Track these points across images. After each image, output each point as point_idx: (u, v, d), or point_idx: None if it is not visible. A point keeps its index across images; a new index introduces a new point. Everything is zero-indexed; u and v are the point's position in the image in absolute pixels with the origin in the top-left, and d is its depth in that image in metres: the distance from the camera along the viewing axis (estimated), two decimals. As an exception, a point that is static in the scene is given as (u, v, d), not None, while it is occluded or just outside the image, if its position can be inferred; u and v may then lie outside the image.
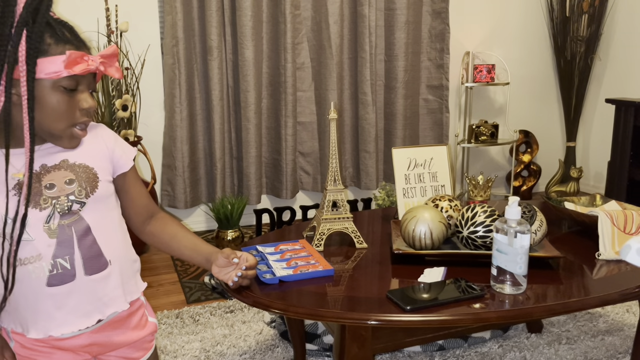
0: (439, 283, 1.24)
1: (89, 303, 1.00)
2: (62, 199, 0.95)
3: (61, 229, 0.95)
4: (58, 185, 0.95)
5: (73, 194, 0.97)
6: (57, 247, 0.95)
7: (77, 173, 0.98)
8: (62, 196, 0.95)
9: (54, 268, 0.95)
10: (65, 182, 0.96)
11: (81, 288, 0.98)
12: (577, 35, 3.64)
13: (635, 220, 1.50)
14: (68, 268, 0.96)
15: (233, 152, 3.18)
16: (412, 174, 1.67)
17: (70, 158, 0.99)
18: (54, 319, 0.97)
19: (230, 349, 1.93)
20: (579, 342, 1.95)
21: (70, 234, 0.96)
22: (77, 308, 0.99)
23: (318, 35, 3.18)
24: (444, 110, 3.51)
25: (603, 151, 3.73)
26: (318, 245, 1.47)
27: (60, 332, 0.98)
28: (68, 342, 1.02)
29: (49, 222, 0.94)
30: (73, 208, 0.96)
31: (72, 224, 0.97)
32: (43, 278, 0.95)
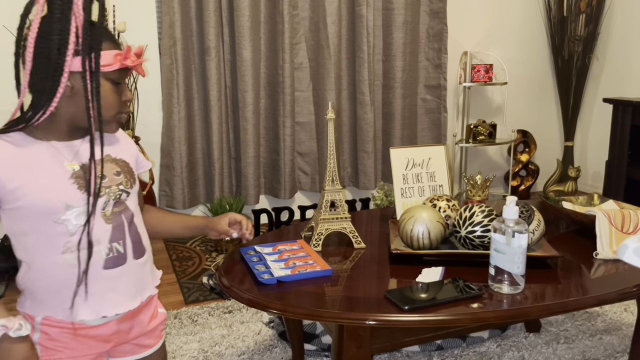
0: (437, 283, 1.24)
1: (134, 286, 1.08)
2: (114, 188, 1.04)
3: (114, 216, 1.03)
4: (109, 176, 1.04)
5: (122, 184, 1.06)
6: (112, 232, 1.03)
7: (120, 166, 1.08)
8: (114, 185, 1.04)
9: (110, 252, 1.02)
10: (114, 173, 1.05)
11: (130, 271, 1.06)
12: (574, 35, 3.64)
13: (632, 220, 1.50)
14: (121, 252, 1.04)
15: (231, 152, 3.18)
16: (410, 173, 1.68)
17: (112, 153, 1.08)
18: (108, 300, 1.04)
19: (228, 349, 1.93)
20: (577, 341, 1.96)
21: (122, 221, 1.04)
22: (126, 290, 1.06)
23: (316, 36, 3.18)
24: (442, 110, 3.51)
25: (601, 151, 3.73)
26: (316, 245, 1.47)
27: (113, 312, 1.05)
28: (96, 331, 1.06)
29: (105, 209, 1.02)
30: (122, 197, 1.05)
31: (121, 211, 1.05)
32: (100, 261, 1.01)
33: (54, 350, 1.03)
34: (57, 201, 0.95)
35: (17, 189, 0.93)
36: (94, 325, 1.05)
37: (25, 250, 1.00)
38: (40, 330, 1.03)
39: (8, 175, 0.93)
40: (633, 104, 3.11)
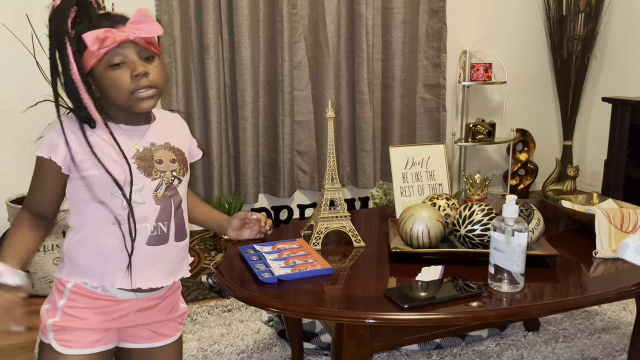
0: (436, 281, 1.24)
1: (171, 265, 1.15)
2: (168, 174, 1.12)
3: (164, 198, 1.11)
4: (165, 162, 1.12)
5: (175, 171, 1.14)
6: (160, 212, 1.10)
7: (177, 154, 1.15)
8: (168, 171, 1.12)
9: (155, 230, 1.10)
10: (170, 160, 1.13)
11: (170, 251, 1.13)
12: (573, 34, 3.64)
13: (632, 219, 1.50)
14: (165, 232, 1.12)
15: (230, 151, 3.18)
16: (410, 172, 1.68)
17: (171, 141, 1.15)
18: (145, 275, 1.11)
19: (227, 347, 1.93)
20: (576, 340, 1.96)
21: (170, 204, 1.12)
22: (163, 268, 1.14)
23: (315, 34, 3.18)
24: (441, 109, 3.51)
25: (600, 150, 3.74)
26: (316, 244, 1.47)
27: (147, 285, 1.12)
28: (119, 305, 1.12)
29: (157, 191, 1.10)
30: (174, 183, 1.13)
31: (172, 196, 1.12)
32: (145, 237, 1.09)
33: (74, 317, 1.10)
34: (120, 175, 1.04)
35: (83, 161, 1.04)
36: (121, 300, 1.12)
37: (82, 217, 1.09)
38: (68, 297, 1.10)
39: (77, 150, 1.04)
40: (632, 103, 3.12)
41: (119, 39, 1.01)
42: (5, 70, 2.65)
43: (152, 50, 1.07)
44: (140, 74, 1.04)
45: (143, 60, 1.06)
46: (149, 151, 1.10)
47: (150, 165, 1.09)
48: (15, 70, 2.63)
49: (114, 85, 1.04)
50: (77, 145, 1.04)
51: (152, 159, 1.10)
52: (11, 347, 1.95)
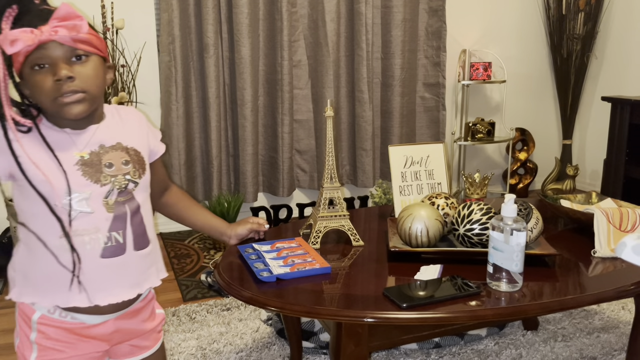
0: (435, 280, 1.24)
1: (133, 277, 1.06)
2: (120, 178, 1.02)
3: (117, 205, 1.02)
4: (116, 165, 1.02)
5: (129, 174, 1.04)
6: (113, 221, 1.01)
7: (130, 155, 1.05)
8: (120, 175, 1.02)
9: (109, 240, 1.01)
10: (122, 162, 1.03)
11: (129, 262, 1.05)
12: (573, 33, 3.64)
13: (630, 218, 1.50)
14: (121, 242, 1.02)
15: (229, 149, 3.18)
16: (409, 171, 1.67)
17: (123, 141, 1.06)
18: (103, 290, 1.02)
19: (226, 346, 1.93)
20: (574, 339, 1.96)
21: (125, 211, 1.03)
22: (123, 281, 1.05)
23: (314, 33, 3.17)
24: (440, 108, 3.51)
25: (599, 149, 3.74)
26: (315, 243, 1.47)
27: (106, 301, 1.03)
28: (94, 330, 1.06)
29: (108, 198, 1.01)
30: (129, 187, 1.04)
31: (126, 201, 1.03)
32: (98, 249, 1.00)
33: (53, 349, 1.03)
34: (58, 185, 0.95)
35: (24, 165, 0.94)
36: (91, 325, 1.05)
37: (27, 231, 0.99)
38: (37, 330, 1.02)
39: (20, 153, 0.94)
40: (631, 102, 3.12)
41: (32, 41, 0.91)
42: None
43: (84, 48, 0.96)
44: (62, 79, 0.94)
45: (73, 60, 0.95)
46: (96, 155, 1.00)
47: (98, 170, 1.00)
48: None
49: (36, 89, 0.95)
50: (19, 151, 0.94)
51: (100, 164, 1.00)
52: (10, 344, 1.95)
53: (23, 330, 1.04)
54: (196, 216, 1.34)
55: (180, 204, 1.32)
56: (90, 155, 1.00)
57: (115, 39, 2.76)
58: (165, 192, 1.29)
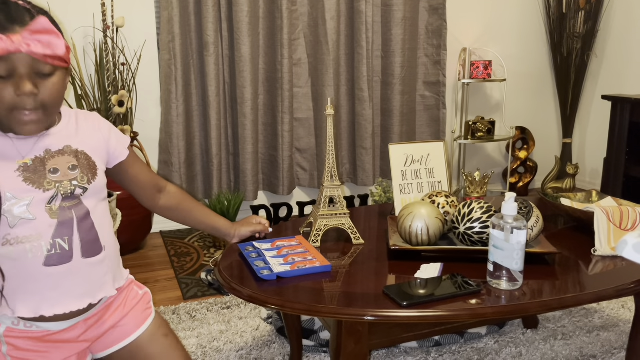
0: (435, 279, 1.24)
1: (82, 286, 1.02)
2: (66, 184, 0.98)
3: (62, 211, 0.98)
4: (62, 170, 0.98)
5: (76, 180, 1.00)
6: (57, 227, 0.97)
7: (79, 160, 1.02)
8: (66, 181, 0.99)
9: (52, 248, 0.97)
10: (69, 167, 1.00)
11: (77, 270, 1.00)
12: (573, 32, 3.64)
13: (631, 216, 1.50)
14: (66, 249, 0.98)
15: (230, 148, 3.18)
16: (409, 170, 1.67)
17: (73, 144, 1.02)
18: (48, 299, 0.98)
19: (227, 345, 1.93)
20: (574, 337, 1.96)
21: (71, 216, 0.99)
22: (71, 290, 1.00)
23: (315, 31, 3.17)
24: (440, 107, 3.51)
25: (599, 148, 3.74)
26: (315, 241, 1.47)
27: (52, 312, 0.99)
28: (64, 335, 1.03)
29: (51, 203, 0.97)
30: (76, 192, 1.00)
31: (72, 207, 0.99)
32: (41, 257, 0.96)
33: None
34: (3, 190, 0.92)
35: None
36: (59, 331, 1.02)
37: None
38: (6, 342, 1.00)
39: None
40: (631, 101, 3.12)
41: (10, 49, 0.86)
42: None
43: (54, 64, 0.91)
44: (25, 94, 0.89)
45: (39, 75, 0.91)
46: (40, 161, 0.97)
47: (41, 176, 0.96)
48: None
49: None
50: None
51: (44, 169, 0.96)
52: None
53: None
54: (200, 218, 1.34)
55: (182, 206, 1.30)
56: (34, 162, 0.96)
57: (115, 37, 2.76)
58: (161, 195, 1.27)
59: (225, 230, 1.40)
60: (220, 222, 1.39)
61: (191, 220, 1.33)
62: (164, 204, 1.28)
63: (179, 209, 1.30)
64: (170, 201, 1.28)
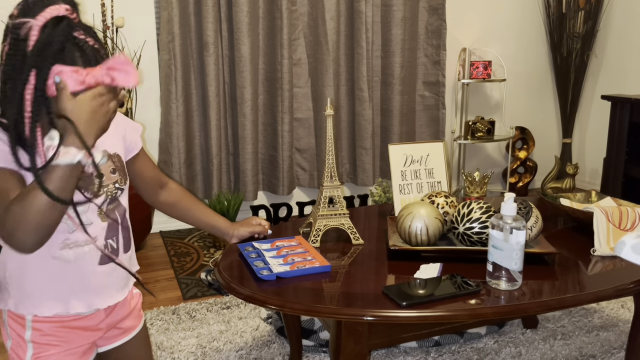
0: (434, 279, 1.24)
1: (124, 278, 1.12)
2: (110, 187, 1.06)
3: (109, 213, 1.06)
4: (106, 175, 1.05)
5: (117, 182, 1.07)
6: (107, 229, 1.05)
7: (115, 163, 1.08)
8: (110, 184, 1.06)
9: (105, 248, 1.05)
10: (110, 171, 1.06)
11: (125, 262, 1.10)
12: (573, 32, 3.64)
13: (630, 217, 1.51)
14: (115, 248, 1.07)
15: (229, 148, 3.18)
16: (409, 170, 1.68)
17: (108, 148, 1.07)
18: (101, 294, 1.06)
19: (226, 345, 1.93)
20: (574, 337, 1.96)
21: (116, 217, 1.07)
22: (117, 283, 1.10)
23: (314, 31, 3.17)
24: (440, 107, 3.51)
25: (599, 148, 3.74)
26: (314, 241, 1.47)
27: (105, 304, 1.08)
28: (88, 321, 1.08)
29: (101, 207, 1.04)
30: (117, 195, 1.07)
31: (115, 208, 1.07)
32: (96, 258, 1.04)
33: (47, 345, 1.04)
34: None
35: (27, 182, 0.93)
36: (86, 316, 1.07)
37: None
38: (32, 327, 1.02)
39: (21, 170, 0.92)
40: (631, 101, 3.12)
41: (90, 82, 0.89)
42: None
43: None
44: None
45: None
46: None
47: (91, 182, 1.01)
48: None
49: None
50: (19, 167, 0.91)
51: (92, 176, 1.00)
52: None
53: (15, 331, 1.04)
54: (198, 215, 1.34)
55: (182, 203, 1.31)
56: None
57: (115, 37, 2.76)
58: (162, 190, 1.29)
59: (224, 229, 1.40)
60: (220, 221, 1.39)
61: (190, 218, 1.34)
62: (164, 200, 1.29)
63: (178, 205, 1.31)
64: (170, 197, 1.29)
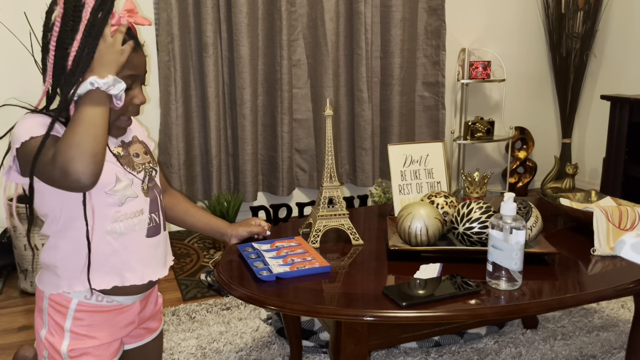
0: (434, 279, 1.24)
1: (165, 256, 1.18)
2: (147, 165, 1.12)
3: (150, 190, 1.11)
4: (140, 154, 1.12)
5: (151, 162, 1.14)
6: (150, 204, 1.11)
7: (144, 147, 1.15)
8: (147, 163, 1.12)
9: (151, 221, 1.11)
10: (144, 152, 1.13)
11: (163, 241, 1.16)
12: (572, 32, 3.64)
13: (630, 216, 1.51)
14: (158, 222, 1.13)
15: (229, 149, 3.18)
16: (408, 170, 1.68)
17: (138, 134, 1.15)
18: (150, 266, 1.11)
19: (226, 346, 1.93)
20: (574, 337, 1.96)
21: (155, 195, 1.13)
22: (161, 258, 1.15)
23: (314, 32, 3.17)
24: (439, 107, 3.51)
25: (598, 147, 3.74)
26: (314, 242, 1.47)
27: (156, 276, 1.13)
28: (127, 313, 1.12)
29: (144, 183, 1.10)
30: (152, 174, 1.13)
31: (154, 187, 1.13)
32: (144, 230, 1.09)
33: (85, 337, 1.06)
34: (107, 175, 1.00)
35: None
36: (127, 306, 1.11)
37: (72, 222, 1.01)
38: (73, 317, 1.06)
39: None
40: (630, 100, 3.12)
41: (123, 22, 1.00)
42: (2, 68, 2.65)
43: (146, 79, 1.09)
44: (141, 103, 1.06)
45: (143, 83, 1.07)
46: (125, 149, 1.09)
47: (130, 160, 1.08)
48: (11, 67, 2.63)
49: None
50: None
51: (129, 155, 1.09)
52: (10, 345, 1.95)
53: (54, 319, 1.06)
54: (197, 218, 1.36)
55: (179, 206, 1.33)
56: (123, 149, 1.08)
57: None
58: (164, 195, 1.29)
59: (223, 230, 1.40)
60: (218, 222, 1.40)
61: (188, 220, 1.35)
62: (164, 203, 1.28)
63: (176, 208, 1.32)
64: (169, 202, 1.31)
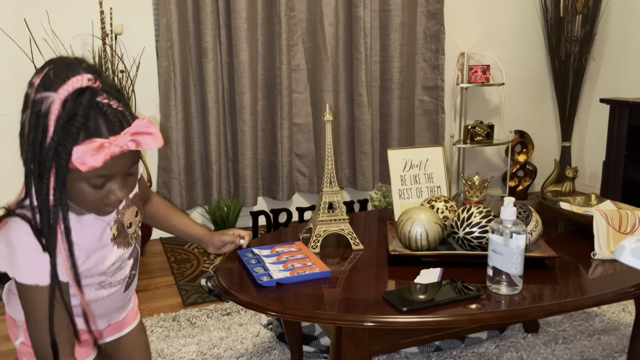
0: (435, 284, 1.24)
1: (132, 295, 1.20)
2: (137, 230, 1.09)
3: (133, 251, 1.11)
4: (134, 222, 1.07)
5: (140, 222, 1.10)
6: (132, 263, 1.11)
7: (136, 203, 1.08)
8: (137, 228, 1.09)
9: (128, 278, 1.12)
10: (134, 214, 1.07)
11: (134, 285, 1.18)
12: (571, 36, 3.65)
13: (630, 220, 1.51)
14: (134, 274, 1.14)
15: (229, 154, 3.18)
16: (408, 175, 1.68)
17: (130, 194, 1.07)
18: (120, 311, 1.17)
19: (227, 351, 1.92)
20: (575, 341, 1.96)
21: (137, 250, 1.13)
22: (132, 301, 1.21)
23: (313, 37, 3.18)
24: (439, 111, 3.52)
25: (598, 151, 3.74)
26: (314, 247, 1.47)
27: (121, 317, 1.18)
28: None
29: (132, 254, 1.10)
30: (139, 232, 1.11)
31: (136, 240, 1.11)
32: (123, 286, 1.11)
33: None
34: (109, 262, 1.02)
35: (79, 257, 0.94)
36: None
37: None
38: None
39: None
40: (630, 104, 3.12)
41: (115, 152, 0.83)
42: (2, 74, 2.65)
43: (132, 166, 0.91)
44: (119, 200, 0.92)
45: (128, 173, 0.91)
46: (120, 224, 1.02)
47: (125, 236, 1.04)
48: (12, 73, 2.63)
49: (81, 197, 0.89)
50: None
51: (124, 227, 1.03)
52: (12, 352, 1.95)
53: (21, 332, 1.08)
54: (177, 225, 1.33)
55: (160, 213, 1.30)
56: (118, 229, 1.02)
57: (114, 44, 2.77)
58: (146, 204, 1.27)
59: (200, 237, 1.35)
60: (197, 229, 1.35)
61: (169, 227, 1.32)
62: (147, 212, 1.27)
63: (157, 214, 1.30)
64: (150, 209, 1.28)
